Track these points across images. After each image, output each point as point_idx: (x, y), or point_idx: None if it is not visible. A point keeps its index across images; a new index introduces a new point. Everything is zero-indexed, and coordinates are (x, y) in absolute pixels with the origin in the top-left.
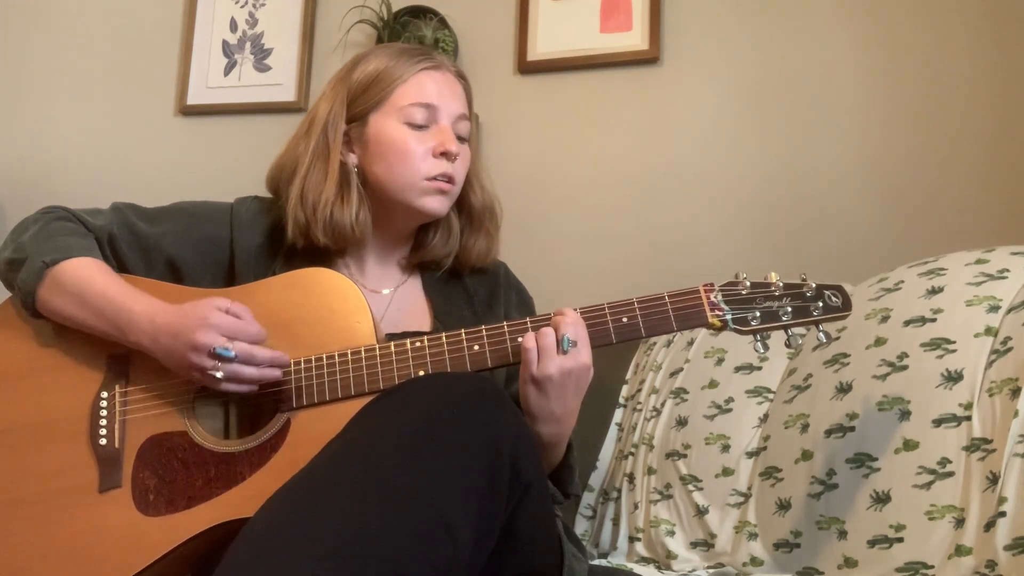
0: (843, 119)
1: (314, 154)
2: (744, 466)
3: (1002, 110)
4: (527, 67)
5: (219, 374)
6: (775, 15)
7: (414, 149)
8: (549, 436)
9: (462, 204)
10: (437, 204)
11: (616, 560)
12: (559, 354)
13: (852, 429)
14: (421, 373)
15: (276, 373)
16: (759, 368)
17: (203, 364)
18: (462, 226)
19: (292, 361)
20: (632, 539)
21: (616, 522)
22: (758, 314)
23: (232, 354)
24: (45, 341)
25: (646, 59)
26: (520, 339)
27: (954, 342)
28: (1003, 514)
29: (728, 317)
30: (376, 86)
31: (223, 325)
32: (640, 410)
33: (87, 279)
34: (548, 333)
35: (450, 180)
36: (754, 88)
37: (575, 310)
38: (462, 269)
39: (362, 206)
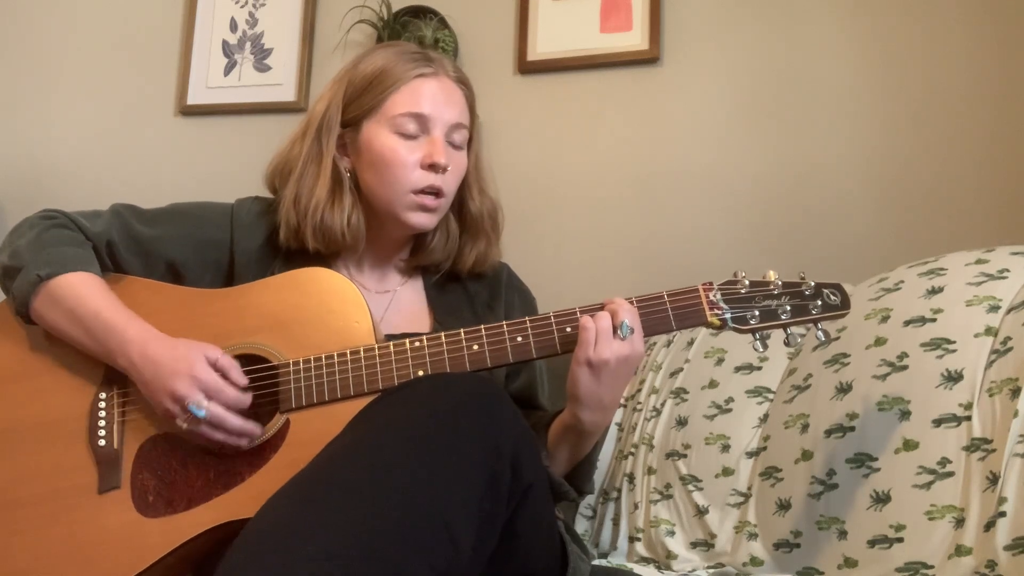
0: (843, 119)
1: (308, 156)
2: (744, 466)
3: (1002, 110)
4: (527, 67)
5: (184, 426)
6: (775, 15)
7: (403, 160)
8: (591, 424)
9: (460, 209)
10: (423, 220)
11: (616, 560)
12: (617, 339)
13: (852, 429)
14: (420, 373)
15: (242, 443)
16: (759, 368)
17: (173, 411)
18: (460, 231)
19: (291, 361)
20: (632, 539)
21: (616, 522)
22: (757, 313)
23: (203, 414)
24: (44, 342)
25: (646, 59)
26: (570, 329)
27: (954, 342)
28: (1003, 514)
29: (727, 316)
30: (371, 91)
31: (205, 381)
32: (640, 410)
33: (80, 297)
34: (605, 317)
35: (438, 193)
36: (754, 88)
37: (629, 300)
38: (461, 272)
39: (355, 211)
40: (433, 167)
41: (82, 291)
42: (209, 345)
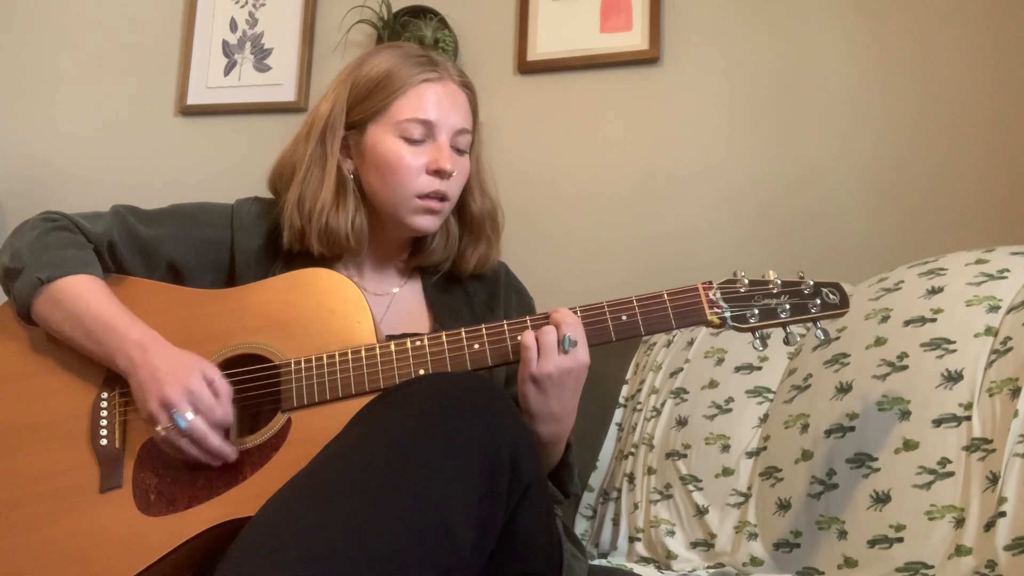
0: (843, 119)
1: (312, 159)
2: (744, 466)
3: (1002, 110)
4: (527, 67)
5: (163, 433)
6: (775, 15)
7: (408, 165)
8: (548, 435)
9: (461, 210)
10: (427, 223)
11: (616, 560)
12: (560, 353)
13: (852, 429)
14: (421, 372)
15: (214, 463)
16: (759, 368)
17: (157, 417)
18: (461, 232)
19: (293, 361)
20: (632, 539)
21: (616, 522)
22: (756, 311)
23: (185, 426)
24: (45, 342)
25: (646, 59)
26: (519, 337)
27: (954, 342)
28: (1003, 514)
29: (727, 315)
30: (376, 95)
31: (198, 395)
32: (640, 410)
33: (81, 300)
34: (549, 331)
35: (443, 198)
36: (754, 88)
37: (573, 310)
38: (462, 274)
39: (358, 214)
40: (439, 173)
41: (83, 293)
42: (210, 364)
